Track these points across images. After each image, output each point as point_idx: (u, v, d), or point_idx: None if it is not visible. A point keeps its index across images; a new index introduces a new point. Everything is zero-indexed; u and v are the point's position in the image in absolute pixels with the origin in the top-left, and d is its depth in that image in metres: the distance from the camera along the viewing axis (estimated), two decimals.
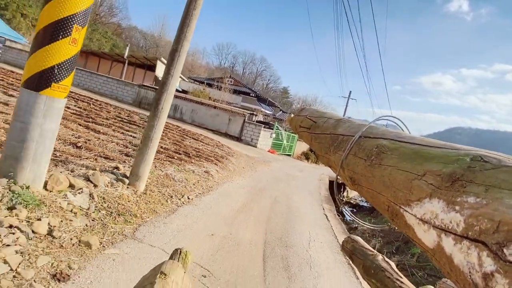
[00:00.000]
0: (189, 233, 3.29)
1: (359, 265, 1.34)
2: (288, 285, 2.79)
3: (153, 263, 2.48)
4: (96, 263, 2.26)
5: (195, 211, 4.01)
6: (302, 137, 1.44)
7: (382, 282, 1.18)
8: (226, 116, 16.65)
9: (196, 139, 10.75)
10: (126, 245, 2.64)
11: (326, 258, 3.80)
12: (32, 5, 42.48)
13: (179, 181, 4.88)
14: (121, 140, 6.40)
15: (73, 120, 6.83)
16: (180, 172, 5.28)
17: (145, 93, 17.62)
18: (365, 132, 0.85)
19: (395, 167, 0.64)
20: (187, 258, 1.14)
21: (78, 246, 2.38)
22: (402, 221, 0.57)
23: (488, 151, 0.50)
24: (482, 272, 0.35)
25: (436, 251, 0.46)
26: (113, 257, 2.41)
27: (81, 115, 8.10)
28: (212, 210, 4.29)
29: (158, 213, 3.54)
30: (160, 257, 2.61)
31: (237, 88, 34.92)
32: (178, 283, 0.84)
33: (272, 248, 3.57)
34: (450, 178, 0.48)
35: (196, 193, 4.83)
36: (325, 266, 3.54)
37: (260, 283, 2.70)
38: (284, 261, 3.29)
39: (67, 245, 2.32)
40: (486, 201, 0.40)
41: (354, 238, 1.51)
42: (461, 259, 0.39)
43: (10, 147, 2.50)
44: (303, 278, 3.03)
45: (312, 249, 3.91)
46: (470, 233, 0.39)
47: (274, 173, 10.07)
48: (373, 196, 0.72)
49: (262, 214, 4.86)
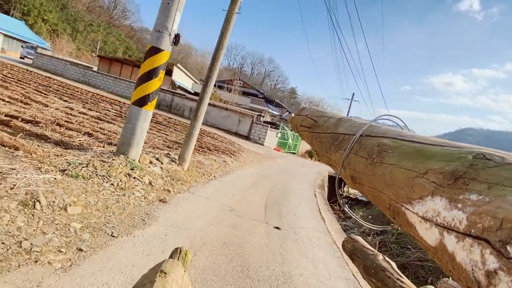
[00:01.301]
0: (218, 193, 5.35)
1: (359, 265, 1.32)
2: (279, 220, 4.83)
3: (201, 202, 4.56)
4: (175, 198, 4.33)
5: (220, 184, 6.08)
6: (303, 137, 1.44)
7: (382, 281, 1.17)
8: (236, 117, 18.74)
9: (212, 137, 12.87)
10: (186, 194, 4.71)
11: (306, 213, 5.84)
12: (52, 11, 45.50)
13: (207, 165, 6.97)
14: (159, 137, 8.53)
15: (116, 122, 8.99)
16: (206, 160, 7.38)
17: (164, 96, 19.85)
18: (366, 131, 0.86)
19: (397, 166, 0.64)
20: (187, 257, 1.12)
21: (164, 191, 4.46)
22: (404, 219, 0.57)
23: (491, 149, 0.50)
24: (485, 269, 0.35)
25: (438, 249, 0.45)
26: (182, 197, 4.48)
27: (120, 116, 10.30)
28: (231, 184, 6.36)
29: (198, 182, 5.62)
30: (204, 200, 4.67)
31: (246, 90, 37.00)
32: (178, 282, 0.86)
33: (271, 205, 5.61)
34: (452, 176, 0.48)
35: (219, 174, 6.90)
36: (304, 215, 5.57)
37: (262, 217, 4.75)
38: (278, 211, 5.33)
39: (159, 189, 4.41)
40: (489, 198, 0.39)
41: (355, 237, 1.49)
42: (464, 257, 0.39)
43: (125, 137, 4.61)
44: (288, 218, 5.08)
45: (297, 208, 5.95)
46: (473, 230, 0.39)
47: (279, 166, 12.10)
48: (374, 194, 0.72)
49: (265, 189, 6.90)
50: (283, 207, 5.71)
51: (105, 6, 60.51)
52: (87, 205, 3.08)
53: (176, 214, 3.75)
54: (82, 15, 51.25)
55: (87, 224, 2.80)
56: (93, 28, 51.76)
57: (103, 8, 59.63)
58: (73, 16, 49.15)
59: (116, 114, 10.66)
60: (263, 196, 6.17)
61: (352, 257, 1.41)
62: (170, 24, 4.54)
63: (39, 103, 7.82)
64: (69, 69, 21.46)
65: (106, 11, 60.44)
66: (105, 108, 11.53)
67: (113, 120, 9.01)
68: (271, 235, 4.06)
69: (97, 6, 57.47)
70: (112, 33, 56.58)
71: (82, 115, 8.22)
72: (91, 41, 50.22)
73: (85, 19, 51.20)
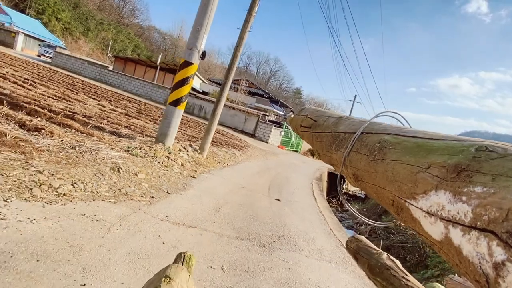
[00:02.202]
0: (231, 176, 6.81)
1: (364, 264, 1.33)
2: (279, 196, 6.29)
3: (219, 180, 6.02)
4: (201, 176, 5.80)
5: (232, 170, 7.54)
6: (303, 137, 1.46)
7: (388, 280, 1.18)
8: (242, 116, 20.22)
9: (221, 134, 14.36)
10: (207, 174, 6.17)
11: (302, 194, 7.29)
12: (65, 9, 47.25)
13: (220, 155, 8.44)
14: (178, 132, 10.02)
15: (141, 118, 10.52)
16: (220, 151, 8.85)
17: None
18: (366, 129, 0.87)
19: (399, 161, 0.64)
20: (191, 262, 1.13)
21: (192, 170, 5.93)
22: (408, 215, 0.57)
23: (493, 141, 0.50)
24: (492, 262, 0.35)
25: (444, 244, 0.46)
26: (205, 176, 5.95)
27: (141, 113, 11.82)
28: (240, 171, 7.82)
29: (215, 167, 7.08)
30: (221, 179, 6.12)
31: (252, 90, 38.47)
32: (183, 287, 0.87)
33: (273, 187, 7.07)
34: (455, 169, 0.48)
35: (230, 163, 8.37)
36: (300, 196, 7.03)
37: (266, 193, 6.20)
38: (278, 191, 6.79)
39: (189, 169, 5.88)
40: (494, 190, 0.40)
41: (358, 237, 1.50)
42: (470, 250, 0.39)
43: (162, 129, 6.09)
44: (287, 196, 6.53)
45: (295, 191, 7.41)
46: (478, 223, 0.39)
47: (281, 161, 13.55)
48: (377, 191, 0.73)
49: (269, 177, 8.36)
50: (283, 189, 7.17)
51: (115, 4, 62.28)
52: (147, 174, 4.56)
53: (204, 185, 5.22)
54: (93, 14, 53.04)
55: (150, 184, 4.28)
56: (104, 26, 53.55)
57: (113, 7, 61.41)
58: (84, 14, 50.95)
59: (137, 111, 12.20)
60: (267, 181, 7.63)
61: (356, 256, 1.41)
62: (199, 44, 6.00)
63: (77, 101, 9.34)
64: (87, 68, 23.11)
65: (116, 9, 62.22)
66: (126, 106, 13.05)
67: (137, 116, 10.53)
68: (273, 203, 5.53)
69: (108, 5, 59.25)
70: (121, 31, 58.29)
71: (113, 111, 9.73)
72: (101, 39, 52.03)
73: (96, 18, 52.99)
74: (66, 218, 2.67)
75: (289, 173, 10.44)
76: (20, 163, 3.22)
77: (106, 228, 2.77)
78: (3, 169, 2.97)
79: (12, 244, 2.12)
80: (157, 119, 11.31)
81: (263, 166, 10.04)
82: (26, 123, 4.49)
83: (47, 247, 2.23)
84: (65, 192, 3.06)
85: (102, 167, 4.01)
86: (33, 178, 3.01)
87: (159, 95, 21.83)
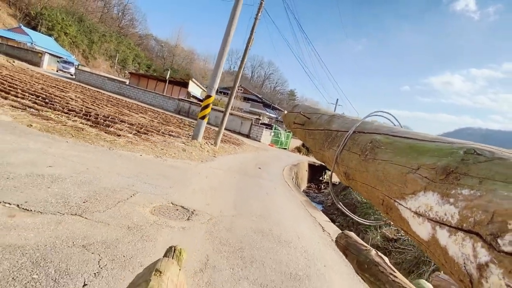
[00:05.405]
0: (235, 159, 12.04)
1: (353, 260, 1.38)
2: (262, 168, 11.57)
3: (229, 160, 11.26)
4: (218, 157, 11.01)
5: (234, 156, 12.78)
6: (296, 134, 1.50)
7: (375, 276, 1.23)
8: (239, 120, 25.47)
9: (223, 135, 19.61)
10: (221, 157, 11.39)
11: (276, 170, 12.59)
12: (71, 24, 52.48)
13: (226, 148, 13.69)
14: None
15: (170, 125, 15.79)
16: (225, 145, 14.11)
17: (183, 104, 26.59)
18: (359, 128, 0.90)
19: (389, 162, 0.67)
20: (181, 255, 1.16)
21: (213, 154, 11.15)
22: (397, 214, 0.60)
23: (482, 144, 0.52)
24: (476, 263, 0.37)
25: (431, 244, 0.48)
26: (220, 157, 11.18)
27: (167, 121, 17.04)
28: (239, 158, 13.06)
29: (223, 155, 12.31)
30: (230, 160, 11.34)
31: (246, 96, 43.83)
32: (173, 280, 0.89)
33: (259, 164, 12.32)
34: (444, 171, 0.50)
35: (233, 153, 13.60)
36: (274, 169, 12.33)
37: (254, 166, 11.47)
38: (262, 166, 12.07)
39: (211, 153, 11.11)
40: (480, 192, 0.41)
41: (348, 233, 1.56)
42: (456, 251, 0.41)
43: (196, 131, 11.35)
44: (267, 169, 11.82)
45: (272, 169, 12.72)
46: (464, 224, 0.41)
47: (270, 155, 18.80)
48: (367, 190, 0.75)
49: (258, 161, 13.58)
50: (264, 165, 12.44)
51: (115, 16, 67.40)
52: (197, 154, 9.79)
53: (221, 161, 10.43)
54: (96, 27, 58.21)
55: (199, 157, 9.50)
56: (106, 38, 58.71)
57: (114, 18, 66.55)
58: (89, 28, 56.11)
59: (164, 119, 17.40)
60: (257, 163, 12.89)
61: (345, 252, 1.45)
62: (215, 84, 11.24)
63: (125, 115, 14.52)
64: (107, 83, 28.30)
65: (116, 21, 67.30)
66: (152, 116, 18.23)
67: (167, 123, 15.73)
68: (257, 170, 10.78)
69: (109, 18, 64.39)
70: (122, 42, 63.41)
71: (152, 121, 14.92)
72: (104, 51, 57.16)
73: (99, 30, 58.16)
74: (179, 163, 7.90)
75: (272, 161, 15.70)
76: (153, 149, 8.48)
77: (190, 167, 7.99)
78: (164, 149, 8.22)
79: (178, 167, 7.37)
80: (180, 125, 16.55)
81: (255, 157, 15.28)
82: (139, 131, 9.74)
83: (178, 170, 7.47)
84: (173, 155, 8.30)
85: (178, 148, 9.24)
86: (164, 152, 8.25)
87: (169, 104, 26.99)
